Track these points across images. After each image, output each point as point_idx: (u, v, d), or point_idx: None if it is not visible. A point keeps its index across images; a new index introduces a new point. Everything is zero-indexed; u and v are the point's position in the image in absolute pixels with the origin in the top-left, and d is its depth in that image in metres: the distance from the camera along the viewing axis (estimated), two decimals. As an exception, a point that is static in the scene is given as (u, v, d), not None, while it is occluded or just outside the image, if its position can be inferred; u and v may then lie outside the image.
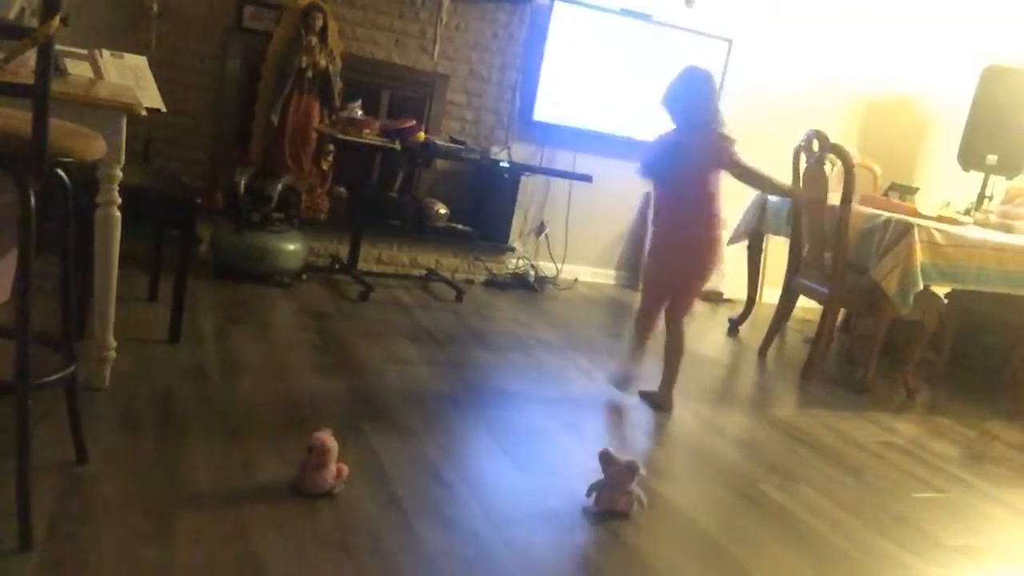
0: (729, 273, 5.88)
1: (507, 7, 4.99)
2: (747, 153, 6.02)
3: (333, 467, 2.12)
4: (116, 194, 2.36)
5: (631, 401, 3.39)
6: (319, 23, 4.32)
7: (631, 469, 2.30)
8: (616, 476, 2.31)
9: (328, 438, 2.13)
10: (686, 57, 5.39)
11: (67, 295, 1.96)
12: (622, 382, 3.40)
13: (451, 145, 4.59)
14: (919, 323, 4.07)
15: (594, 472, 2.36)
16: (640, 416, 3.26)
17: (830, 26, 5.71)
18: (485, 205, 5.08)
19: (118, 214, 2.38)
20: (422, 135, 4.45)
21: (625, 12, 5.21)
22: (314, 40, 4.32)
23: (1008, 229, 4.43)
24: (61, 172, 1.80)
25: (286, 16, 4.37)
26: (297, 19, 4.31)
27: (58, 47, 2.54)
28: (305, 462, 2.11)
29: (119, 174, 2.34)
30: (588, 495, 2.33)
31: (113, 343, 2.49)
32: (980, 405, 4.28)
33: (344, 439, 2.42)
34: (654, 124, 5.37)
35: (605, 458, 2.34)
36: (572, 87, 5.20)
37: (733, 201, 5.52)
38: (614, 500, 2.30)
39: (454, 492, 2.28)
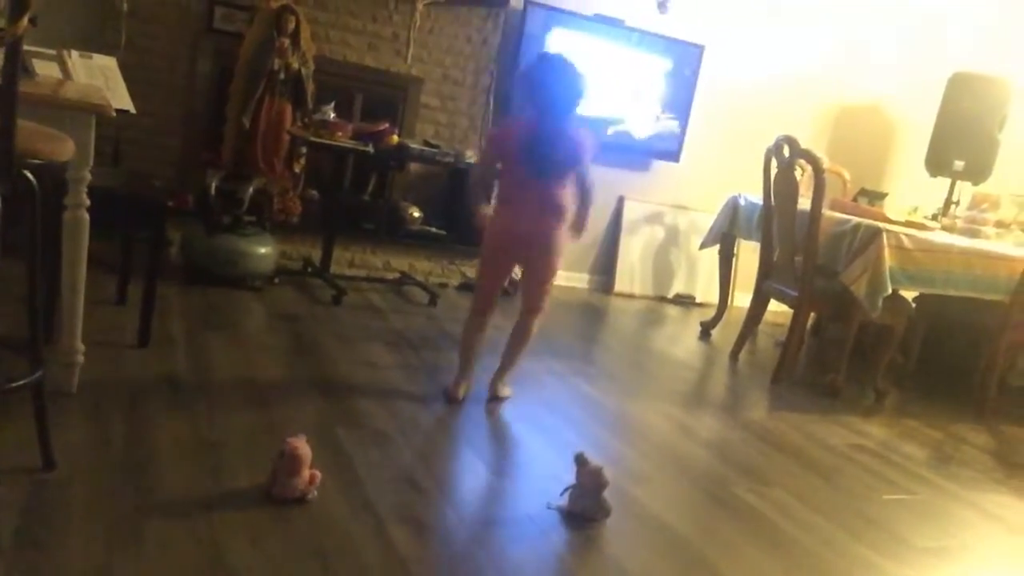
0: (701, 277, 5.92)
1: (481, 11, 4.98)
2: (721, 157, 6.10)
3: (306, 473, 2.11)
4: (85, 196, 2.33)
5: (606, 405, 3.40)
6: (291, 25, 4.29)
7: (595, 475, 2.30)
8: (582, 479, 2.31)
9: (300, 443, 2.11)
10: (659, 62, 5.45)
11: (34, 299, 1.93)
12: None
13: (425, 148, 4.58)
14: (888, 327, 4.12)
15: (567, 477, 2.37)
16: (614, 420, 3.27)
17: (800, 33, 5.77)
18: (459, 208, 5.07)
19: (86, 216, 2.35)
20: (395, 138, 4.44)
21: (598, 18, 5.23)
22: (286, 42, 4.29)
23: (974, 234, 4.50)
24: (29, 174, 1.78)
25: (258, 18, 4.34)
26: (269, 21, 4.28)
27: (26, 47, 2.51)
28: (277, 468, 2.09)
29: (88, 176, 2.31)
30: (561, 495, 2.33)
31: (81, 347, 2.45)
32: (948, 408, 4.34)
33: (317, 445, 2.40)
34: (628, 127, 5.43)
35: (579, 459, 2.34)
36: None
37: (706, 206, 5.58)
38: (577, 504, 2.31)
39: (428, 497, 2.27)
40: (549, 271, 3.07)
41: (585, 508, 2.30)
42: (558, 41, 5.14)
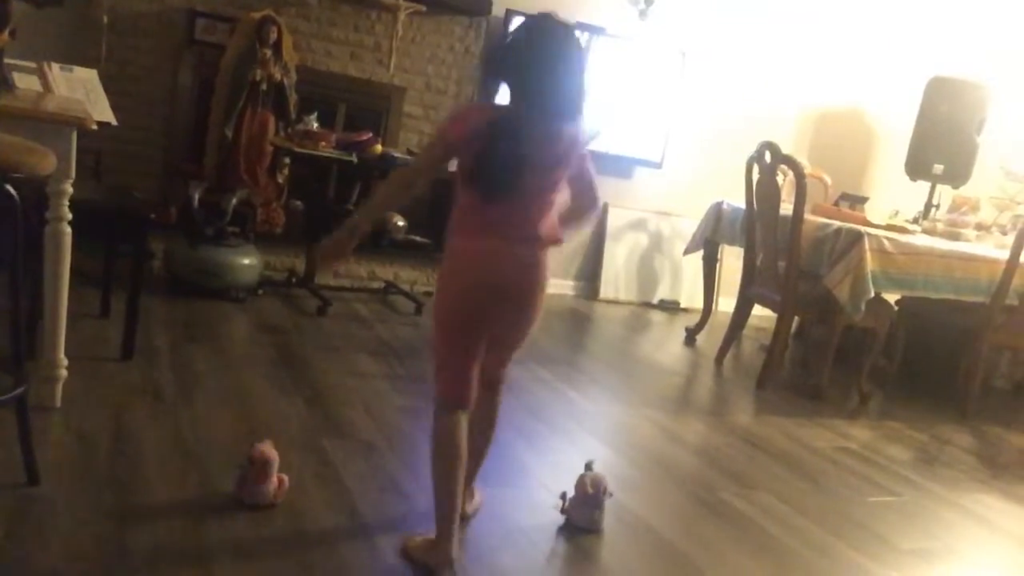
0: (685, 283, 5.95)
1: (463, 20, 5.00)
2: (703, 163, 6.10)
3: (275, 478, 2.10)
4: (66, 210, 2.32)
5: (593, 411, 3.40)
6: (273, 36, 4.29)
7: (593, 486, 2.30)
8: (579, 489, 2.31)
9: (268, 449, 2.10)
10: (640, 70, 5.48)
11: (17, 313, 1.92)
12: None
13: (408, 157, 4.58)
14: (871, 330, 4.15)
15: (555, 485, 2.38)
16: (601, 426, 3.27)
17: (781, 39, 5.81)
18: (443, 217, 5.06)
19: (68, 230, 2.34)
20: (379, 148, 4.44)
21: (580, 26, 5.25)
22: (268, 53, 4.29)
23: (955, 237, 4.54)
24: (10, 188, 1.77)
25: (240, 29, 4.33)
26: (251, 32, 4.27)
27: (6, 60, 2.50)
28: (246, 474, 2.08)
29: (69, 189, 2.30)
30: (561, 499, 2.33)
31: (64, 361, 2.43)
32: (931, 409, 4.36)
33: (303, 456, 2.40)
34: (611, 136, 5.45)
35: (587, 467, 2.34)
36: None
37: (690, 212, 5.60)
38: (572, 512, 2.31)
39: (416, 506, 2.26)
40: (531, 325, 2.15)
41: (575, 517, 2.30)
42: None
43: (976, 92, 5.43)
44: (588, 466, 2.34)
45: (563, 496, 2.32)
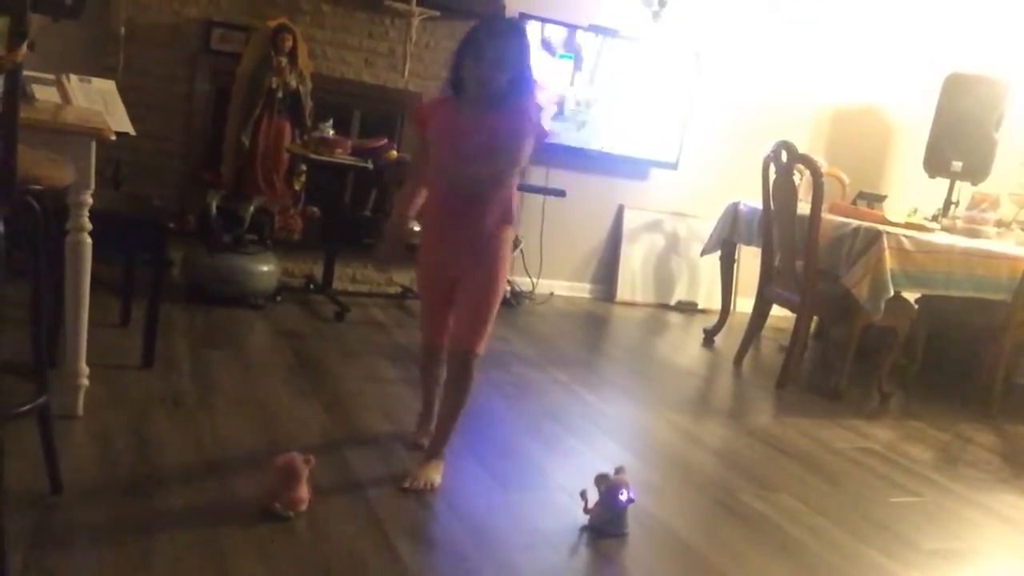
0: (703, 284, 5.93)
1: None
2: (719, 163, 6.08)
3: (302, 490, 2.10)
4: (86, 220, 2.34)
5: (611, 414, 3.40)
6: (288, 44, 4.31)
7: (610, 491, 2.29)
8: (603, 493, 2.31)
9: (294, 459, 2.10)
10: (654, 71, 5.47)
11: (38, 323, 1.94)
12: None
13: (423, 163, 4.58)
14: (891, 329, 4.12)
15: (574, 488, 2.37)
16: (619, 429, 3.27)
17: (795, 37, 5.78)
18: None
19: (88, 240, 2.36)
20: (394, 153, 4.45)
21: (593, 28, 5.25)
22: (284, 61, 4.31)
23: (975, 234, 4.50)
24: (31, 199, 1.79)
25: (255, 37, 4.36)
26: (266, 40, 4.30)
27: (25, 72, 2.52)
28: (273, 483, 2.09)
29: (89, 200, 2.32)
30: (584, 504, 2.33)
31: (86, 370, 2.46)
32: (953, 408, 4.33)
33: (322, 461, 2.40)
34: (627, 139, 5.44)
35: (617, 471, 2.34)
36: (543, 103, 5.22)
37: (706, 213, 5.58)
38: (594, 515, 2.31)
39: (436, 512, 2.27)
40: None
41: (600, 522, 2.30)
42: (553, 53, 5.16)
43: (994, 88, 5.38)
44: (618, 471, 2.33)
45: (583, 495, 2.32)
